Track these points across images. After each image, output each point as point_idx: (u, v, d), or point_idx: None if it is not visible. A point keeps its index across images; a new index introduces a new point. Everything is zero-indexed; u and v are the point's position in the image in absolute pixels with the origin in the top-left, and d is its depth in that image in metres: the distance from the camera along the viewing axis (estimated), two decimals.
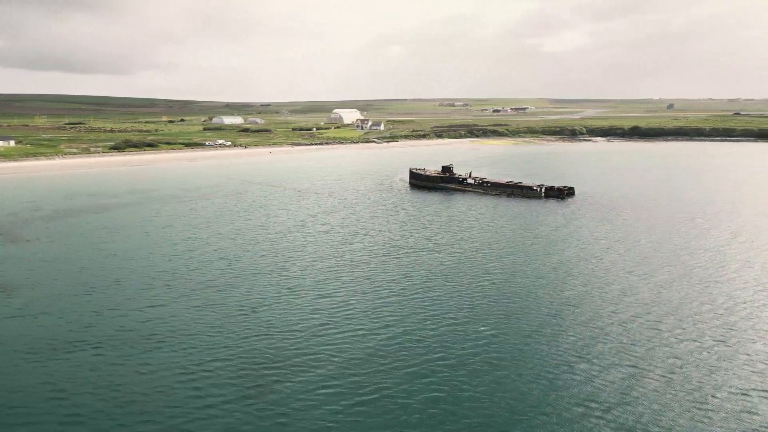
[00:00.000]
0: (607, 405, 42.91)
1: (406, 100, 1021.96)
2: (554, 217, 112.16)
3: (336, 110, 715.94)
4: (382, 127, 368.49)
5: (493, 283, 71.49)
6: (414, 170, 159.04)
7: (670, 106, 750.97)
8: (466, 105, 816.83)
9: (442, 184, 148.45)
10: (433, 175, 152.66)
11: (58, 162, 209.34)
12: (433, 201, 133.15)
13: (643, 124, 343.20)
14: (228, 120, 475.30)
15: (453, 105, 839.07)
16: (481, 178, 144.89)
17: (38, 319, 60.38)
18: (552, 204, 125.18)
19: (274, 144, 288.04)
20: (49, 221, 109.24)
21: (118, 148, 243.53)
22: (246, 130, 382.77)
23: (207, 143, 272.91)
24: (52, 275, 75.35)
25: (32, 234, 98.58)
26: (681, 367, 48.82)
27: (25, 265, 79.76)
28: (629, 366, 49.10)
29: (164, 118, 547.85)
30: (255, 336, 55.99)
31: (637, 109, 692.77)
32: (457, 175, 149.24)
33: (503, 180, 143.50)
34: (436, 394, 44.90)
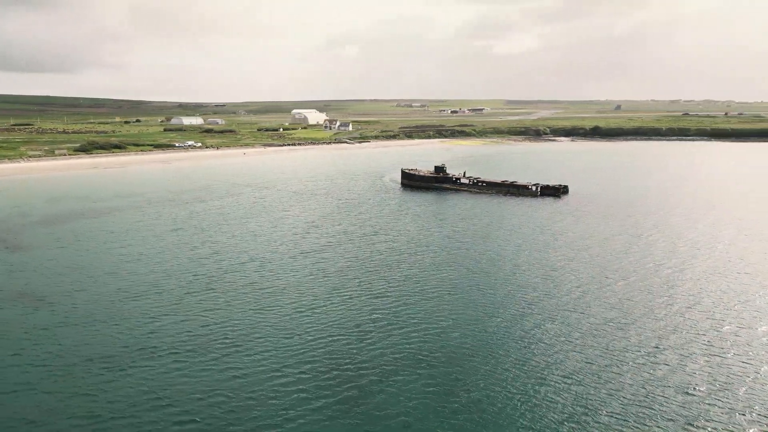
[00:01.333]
0: (605, 404, 44.99)
1: (364, 100, 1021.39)
2: (559, 214, 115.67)
3: (295, 110, 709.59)
4: (350, 128, 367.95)
5: (523, 279, 73.58)
6: (406, 170, 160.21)
7: (618, 107, 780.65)
8: (424, 106, 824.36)
9: (436, 184, 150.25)
10: (427, 175, 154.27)
11: (23, 165, 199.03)
12: (431, 201, 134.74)
13: (603, 125, 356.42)
14: (187, 120, 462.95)
15: (411, 106, 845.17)
16: (475, 178, 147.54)
17: (93, 327, 58.18)
18: (550, 202, 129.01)
19: (246, 145, 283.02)
20: (48, 227, 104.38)
21: (84, 150, 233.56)
22: (209, 130, 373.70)
23: (176, 144, 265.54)
24: (81, 282, 72.39)
25: (36, 240, 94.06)
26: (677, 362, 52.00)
27: (47, 273, 76.25)
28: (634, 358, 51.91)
29: (117, 119, 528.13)
30: (325, 337, 55.85)
31: (588, 110, 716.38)
32: (451, 175, 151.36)
33: (498, 179, 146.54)
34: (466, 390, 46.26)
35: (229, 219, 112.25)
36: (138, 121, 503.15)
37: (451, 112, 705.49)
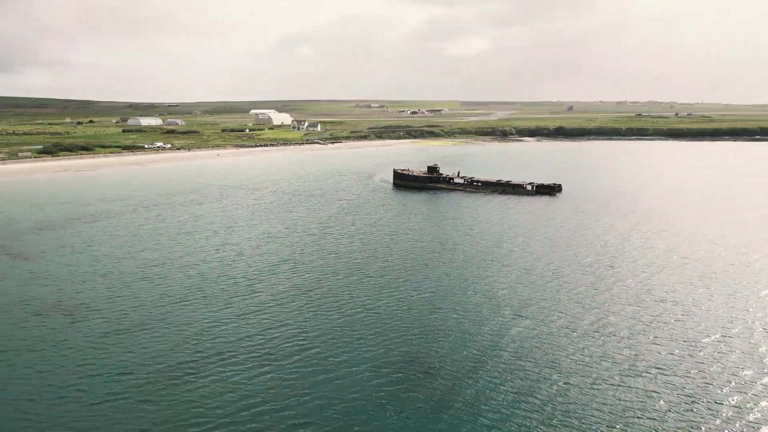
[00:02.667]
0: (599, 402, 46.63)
1: (321, 101, 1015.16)
2: (559, 211, 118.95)
3: (254, 111, 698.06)
4: (319, 128, 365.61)
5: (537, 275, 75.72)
6: (398, 171, 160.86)
7: (570, 108, 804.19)
8: (383, 107, 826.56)
9: (431, 184, 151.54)
10: (421, 175, 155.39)
11: None
12: (429, 201, 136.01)
13: (566, 125, 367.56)
14: (145, 121, 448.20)
15: (369, 106, 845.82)
16: (470, 178, 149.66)
17: (155, 333, 56.19)
18: (547, 200, 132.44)
19: (218, 146, 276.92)
20: (47, 232, 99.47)
21: (49, 152, 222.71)
22: (172, 131, 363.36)
23: (146, 146, 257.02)
24: (117, 289, 69.63)
25: (43, 247, 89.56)
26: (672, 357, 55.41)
27: (73, 281, 72.87)
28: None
29: (68, 119, 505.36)
30: (405, 336, 55.88)
31: (542, 111, 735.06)
32: (445, 175, 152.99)
33: (493, 179, 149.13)
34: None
35: (236, 221, 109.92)
36: (91, 122, 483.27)
37: (411, 112, 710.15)
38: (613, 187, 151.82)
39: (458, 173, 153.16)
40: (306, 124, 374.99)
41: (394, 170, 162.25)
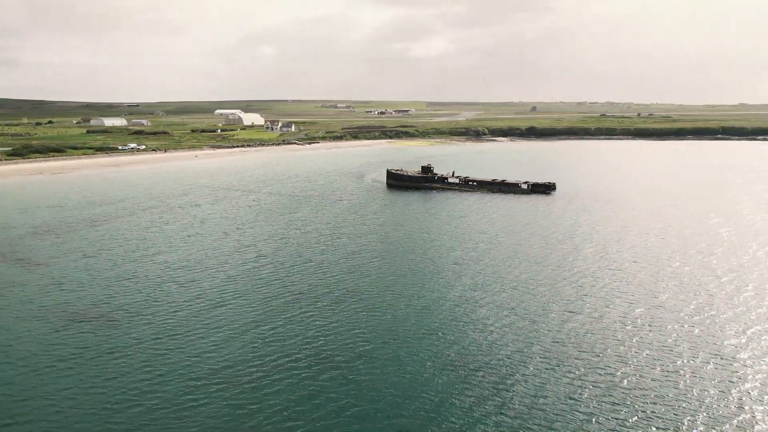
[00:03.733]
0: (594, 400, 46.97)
1: (286, 100, 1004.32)
2: (557, 208, 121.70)
3: (219, 111, 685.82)
4: (293, 129, 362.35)
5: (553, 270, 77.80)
6: (392, 171, 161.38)
7: (534, 109, 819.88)
8: (350, 107, 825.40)
9: (426, 184, 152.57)
10: (416, 175, 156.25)
11: None
12: (426, 200, 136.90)
13: (537, 125, 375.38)
14: (109, 122, 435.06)
15: (336, 106, 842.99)
16: (465, 177, 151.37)
17: (208, 338, 55.08)
18: (543, 198, 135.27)
19: (193, 147, 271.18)
20: (48, 237, 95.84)
21: (19, 154, 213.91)
22: (140, 132, 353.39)
23: (120, 147, 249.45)
24: (147, 294, 67.81)
25: (50, 253, 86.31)
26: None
27: (96, 287, 70.63)
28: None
29: (25, 120, 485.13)
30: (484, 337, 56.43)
31: (507, 111, 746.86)
32: (440, 175, 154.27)
33: (488, 178, 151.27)
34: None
35: (242, 223, 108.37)
36: (50, 122, 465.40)
37: (379, 113, 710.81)
38: (604, 184, 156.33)
39: (453, 173, 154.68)
40: (280, 124, 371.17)
41: (388, 170, 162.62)
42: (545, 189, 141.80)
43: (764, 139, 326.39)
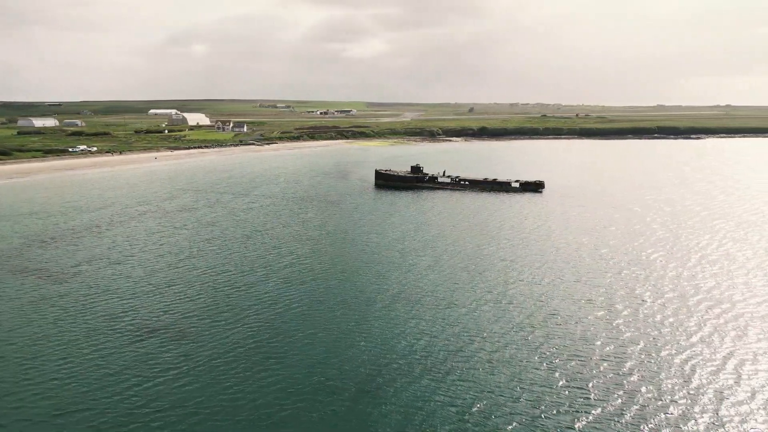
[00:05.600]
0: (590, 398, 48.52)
1: (222, 100, 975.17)
2: (552, 205, 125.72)
3: (152, 111, 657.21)
4: (245, 129, 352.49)
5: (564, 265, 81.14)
6: (381, 171, 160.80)
7: (471, 110, 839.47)
8: (290, 107, 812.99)
9: (417, 184, 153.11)
10: (407, 175, 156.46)
11: None
12: (423, 200, 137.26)
13: (488, 126, 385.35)
14: (39, 122, 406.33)
15: (275, 106, 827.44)
16: (456, 176, 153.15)
17: (289, 346, 52.93)
18: (536, 196, 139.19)
19: (147, 149, 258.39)
20: (52, 247, 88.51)
21: None
22: (79, 133, 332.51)
23: (70, 149, 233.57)
24: (203, 300, 64.35)
25: (64, 262, 79.72)
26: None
27: (142, 294, 66.01)
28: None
29: None
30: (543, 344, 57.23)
31: (447, 112, 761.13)
32: (431, 175, 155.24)
33: (480, 177, 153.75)
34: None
35: (256, 226, 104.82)
36: None
37: (321, 113, 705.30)
38: (587, 181, 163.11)
39: (444, 172, 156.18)
40: (231, 124, 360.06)
41: (376, 170, 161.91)
42: (536, 187, 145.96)
43: (697, 137, 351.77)
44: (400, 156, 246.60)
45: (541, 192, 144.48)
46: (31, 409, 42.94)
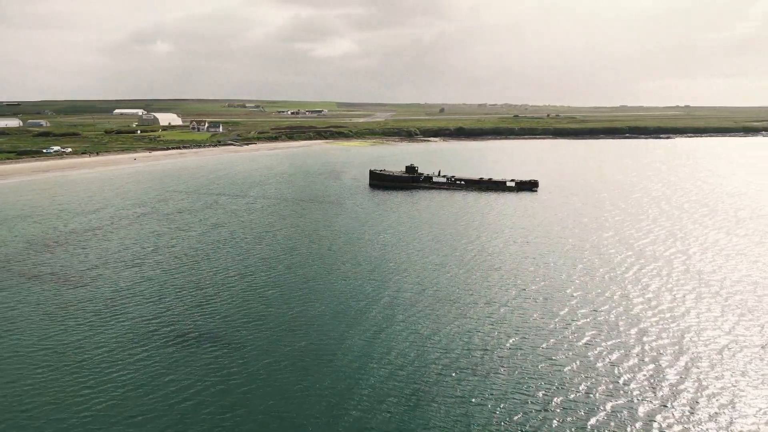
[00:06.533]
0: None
1: (189, 100, 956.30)
2: (550, 204, 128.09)
3: (117, 110, 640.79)
4: (221, 129, 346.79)
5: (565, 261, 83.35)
6: (376, 171, 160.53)
7: (442, 110, 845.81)
8: (259, 107, 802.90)
9: (413, 184, 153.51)
10: (402, 175, 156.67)
11: None
12: (420, 200, 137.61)
13: (465, 126, 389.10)
14: (2, 123, 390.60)
15: (245, 106, 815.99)
16: (452, 176, 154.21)
17: (333, 353, 52.56)
18: (531, 195, 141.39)
19: (125, 150, 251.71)
20: (61, 251, 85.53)
21: None
22: (47, 134, 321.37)
23: (44, 150, 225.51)
24: (236, 302, 63.20)
25: (81, 266, 77.26)
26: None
27: (177, 299, 64.55)
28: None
29: None
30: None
31: (419, 113, 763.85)
32: (426, 175, 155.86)
33: (475, 177, 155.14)
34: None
35: (263, 228, 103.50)
36: None
37: (291, 113, 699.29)
38: (577, 180, 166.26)
39: (439, 172, 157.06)
40: (206, 125, 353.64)
41: (371, 171, 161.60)
42: (531, 186, 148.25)
43: (667, 137, 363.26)
44: (384, 156, 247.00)
45: (535, 191, 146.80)
46: (67, 418, 41.49)
